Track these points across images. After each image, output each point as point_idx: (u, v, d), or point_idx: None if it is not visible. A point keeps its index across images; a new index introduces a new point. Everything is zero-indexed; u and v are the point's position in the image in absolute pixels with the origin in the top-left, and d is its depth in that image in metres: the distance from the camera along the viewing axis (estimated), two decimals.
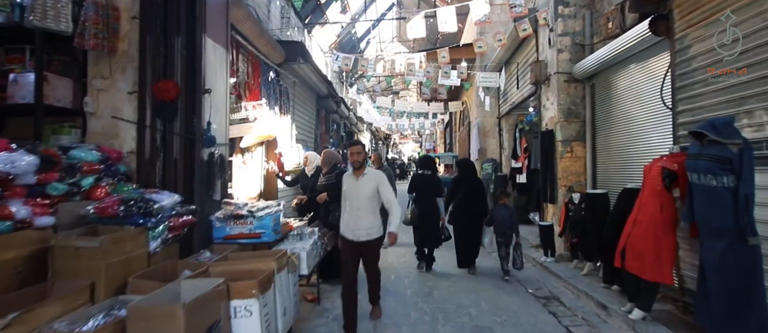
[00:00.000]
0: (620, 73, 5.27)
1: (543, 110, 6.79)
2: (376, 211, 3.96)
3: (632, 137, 5.05)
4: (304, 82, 8.90)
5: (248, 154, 6.57)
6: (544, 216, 6.84)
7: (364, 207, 3.86)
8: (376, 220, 3.94)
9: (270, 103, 5.45)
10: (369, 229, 3.88)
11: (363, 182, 3.90)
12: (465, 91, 12.09)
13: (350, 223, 3.90)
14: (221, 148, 3.88)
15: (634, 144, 5.02)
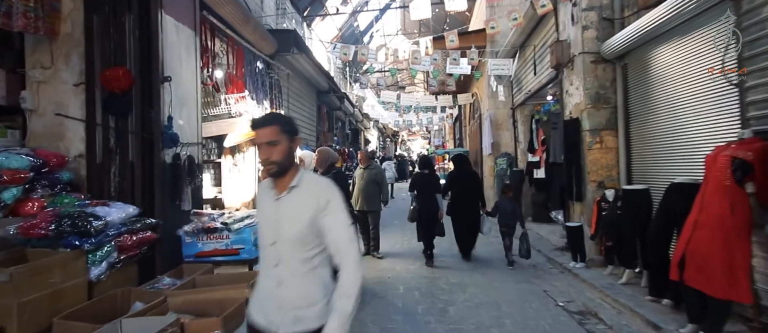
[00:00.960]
0: (659, 49, 4.53)
1: (566, 97, 6.06)
2: (317, 272, 1.63)
3: (677, 123, 4.31)
4: (301, 76, 8.28)
5: (239, 154, 5.96)
6: (570, 215, 6.12)
7: (287, 259, 1.60)
8: (315, 290, 1.61)
9: (258, 96, 4.83)
10: (299, 311, 1.59)
11: (286, 205, 1.63)
12: (476, 81, 11.36)
13: (261, 295, 1.68)
14: (191, 148, 3.25)
15: (679, 131, 4.28)
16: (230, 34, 4.12)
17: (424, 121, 18.16)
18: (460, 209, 6.20)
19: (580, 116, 5.59)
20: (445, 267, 5.86)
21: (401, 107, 17.16)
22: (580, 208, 5.72)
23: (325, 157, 4.64)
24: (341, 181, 4.64)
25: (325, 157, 4.65)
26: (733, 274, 2.85)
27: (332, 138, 12.64)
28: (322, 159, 4.59)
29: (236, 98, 4.18)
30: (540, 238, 7.32)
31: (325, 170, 4.62)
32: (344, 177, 4.86)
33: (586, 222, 5.44)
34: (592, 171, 5.41)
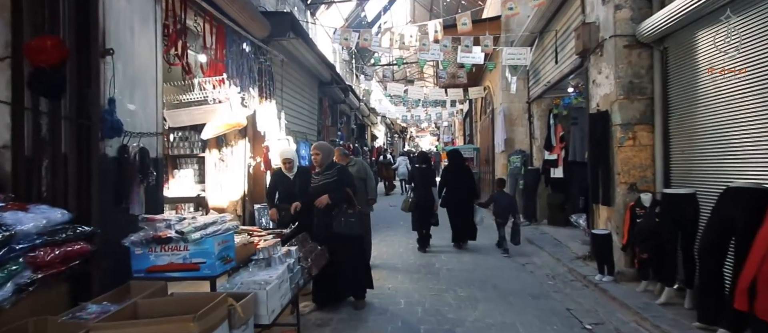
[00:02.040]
0: (709, 29, 3.84)
1: (592, 87, 5.38)
2: None
3: (730, 116, 3.63)
4: (300, 65, 7.69)
5: (227, 148, 5.40)
6: (595, 221, 5.45)
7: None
8: None
9: (243, 83, 4.25)
10: None
11: None
12: (488, 73, 10.67)
13: None
14: (145, 138, 2.68)
15: (733, 126, 3.60)
16: (208, 9, 3.54)
17: (433, 117, 17.51)
18: (454, 201, 6.64)
19: (609, 109, 4.91)
20: (453, 278, 5.24)
21: (409, 101, 16.53)
22: (607, 213, 5.06)
23: (326, 152, 4.09)
24: (342, 174, 4.06)
25: (327, 152, 4.10)
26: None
27: (336, 133, 12.06)
28: (323, 154, 4.04)
29: (214, 82, 3.60)
30: (558, 245, 6.65)
31: (327, 165, 4.06)
32: (344, 169, 4.32)
33: (615, 229, 4.78)
34: (623, 171, 4.74)
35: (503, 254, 6.28)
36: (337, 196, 3.98)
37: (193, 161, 5.20)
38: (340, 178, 4.05)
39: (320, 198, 3.97)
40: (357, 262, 4.19)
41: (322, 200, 3.96)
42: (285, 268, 2.95)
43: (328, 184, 4.01)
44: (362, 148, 17.64)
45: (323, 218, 4.02)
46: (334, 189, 3.99)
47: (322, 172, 4.09)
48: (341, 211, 3.96)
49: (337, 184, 4.01)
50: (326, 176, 4.07)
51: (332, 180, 4.02)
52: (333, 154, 4.17)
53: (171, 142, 4.99)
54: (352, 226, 4.00)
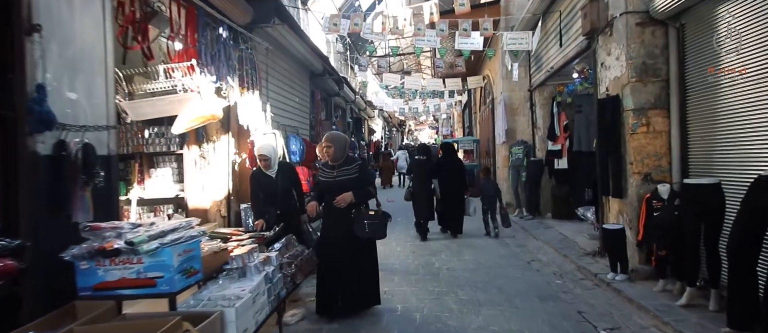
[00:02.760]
0: (732, 3, 3.44)
1: (601, 71, 4.99)
2: None
3: (756, 99, 3.25)
4: (289, 55, 7.28)
5: (209, 144, 5.02)
6: (605, 214, 5.09)
7: None
8: None
9: (220, 71, 3.86)
10: None
11: None
12: (488, 60, 10.26)
13: None
14: (92, 133, 2.30)
15: (761, 108, 3.22)
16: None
17: (431, 109, 17.09)
18: (446, 191, 6.91)
19: (620, 93, 4.53)
20: (454, 279, 4.89)
21: (406, 93, 16.12)
22: (619, 206, 4.69)
23: (342, 144, 3.67)
24: (363, 171, 3.72)
25: (342, 143, 3.69)
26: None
27: (330, 127, 11.66)
28: (338, 146, 3.62)
29: (184, 69, 3.20)
30: (564, 240, 6.30)
31: (343, 160, 3.66)
32: (364, 165, 3.94)
33: (628, 224, 4.42)
34: (636, 160, 4.37)
35: (491, 237, 6.83)
36: (362, 194, 3.56)
37: (171, 159, 4.82)
38: (362, 176, 3.60)
39: (343, 195, 3.47)
40: (376, 269, 3.83)
41: (346, 198, 3.47)
42: (262, 278, 2.58)
43: (346, 182, 3.53)
44: (359, 143, 17.28)
45: (340, 220, 3.55)
46: (354, 187, 3.52)
47: (338, 167, 3.60)
48: (361, 213, 3.52)
49: (360, 181, 3.56)
50: (345, 172, 3.57)
51: (353, 176, 3.55)
52: (349, 147, 3.75)
53: (146, 138, 4.61)
54: (377, 228, 3.57)
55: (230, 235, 3.53)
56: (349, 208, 3.56)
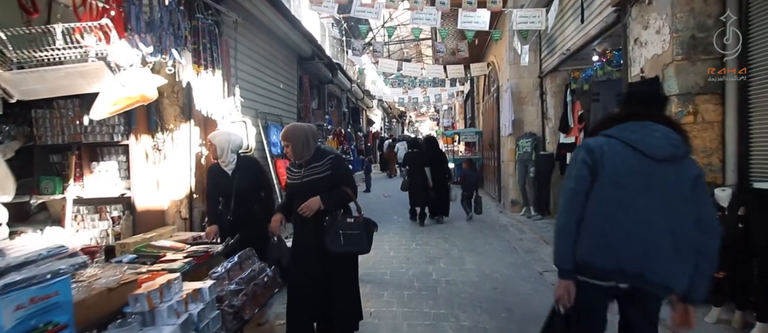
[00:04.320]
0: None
1: (634, 49, 4.16)
2: None
3: None
4: (270, 34, 6.45)
5: (164, 134, 4.23)
6: None
7: None
8: None
9: (162, 43, 3.05)
10: None
11: None
12: (494, 44, 9.39)
13: None
14: None
15: None
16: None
17: (432, 99, 16.23)
18: (433, 180, 7.42)
19: (660, 74, 3.71)
20: (454, 296, 4.11)
21: (406, 83, 15.26)
22: None
23: (302, 137, 2.75)
24: (337, 167, 2.80)
25: (303, 136, 2.76)
26: None
27: (323, 116, 10.84)
28: (298, 140, 2.73)
29: (97, 32, 2.36)
30: None
31: (312, 156, 2.78)
32: (339, 160, 2.95)
33: None
34: None
35: (467, 220, 7.72)
36: (333, 199, 2.72)
37: (118, 151, 4.02)
38: (335, 173, 2.75)
39: (307, 202, 2.65)
40: (354, 288, 2.96)
41: (311, 206, 2.65)
42: (177, 327, 1.79)
43: (316, 182, 2.72)
44: (356, 134, 16.48)
45: (310, 230, 2.73)
46: (326, 188, 2.71)
47: (307, 165, 2.77)
48: (337, 220, 2.71)
49: (332, 180, 2.74)
50: (313, 170, 2.75)
51: (323, 175, 2.73)
52: (315, 138, 2.82)
53: (85, 125, 3.81)
54: (355, 240, 2.71)
55: (169, 250, 2.76)
56: (322, 215, 2.74)
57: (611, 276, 1.70)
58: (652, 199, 1.67)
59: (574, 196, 1.75)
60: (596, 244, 1.71)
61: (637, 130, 1.74)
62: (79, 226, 4.03)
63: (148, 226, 3.96)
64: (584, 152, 1.78)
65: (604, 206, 1.70)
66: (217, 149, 3.39)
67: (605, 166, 1.72)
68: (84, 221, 4.04)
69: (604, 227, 1.70)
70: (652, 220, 1.67)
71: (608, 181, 1.71)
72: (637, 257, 1.66)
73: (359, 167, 13.59)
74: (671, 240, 1.66)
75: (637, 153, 1.70)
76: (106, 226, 3.98)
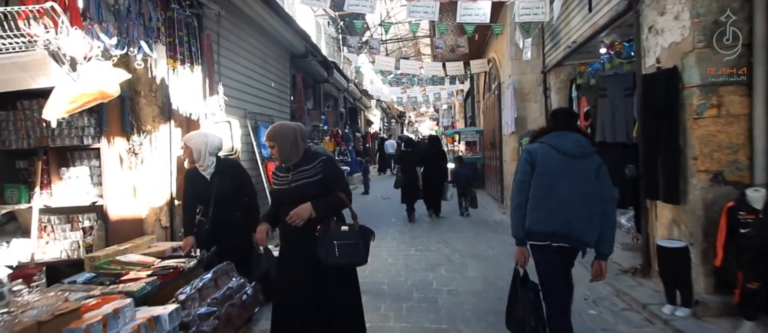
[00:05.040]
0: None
1: (649, 37, 3.85)
2: None
3: None
4: (261, 30, 6.14)
5: (140, 136, 3.92)
6: (649, 223, 3.98)
7: None
8: None
9: (129, 34, 2.73)
10: None
11: None
12: (495, 40, 9.07)
13: None
14: None
15: None
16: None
17: (431, 98, 15.92)
18: (430, 178, 7.80)
19: (679, 64, 3.39)
20: (457, 307, 3.79)
21: (404, 81, 14.96)
22: (673, 213, 3.58)
23: (291, 137, 2.41)
24: (329, 170, 2.48)
25: (291, 135, 2.43)
26: None
27: (319, 117, 10.54)
28: (285, 140, 2.39)
29: (45, 19, 2.03)
30: (589, 250, 5.17)
31: (301, 159, 2.44)
32: (331, 162, 2.57)
33: (688, 238, 3.31)
34: (703, 155, 3.25)
35: (461, 216, 7.98)
36: (326, 205, 2.43)
37: (90, 155, 3.71)
38: (327, 177, 2.46)
39: (296, 210, 2.34)
40: (356, 304, 2.62)
41: (301, 214, 2.34)
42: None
43: (306, 187, 2.42)
44: (354, 134, 16.17)
45: (301, 241, 2.44)
46: (317, 193, 2.41)
47: (295, 168, 2.46)
48: (330, 230, 2.42)
49: (323, 185, 2.44)
50: (303, 174, 2.44)
51: (314, 179, 2.43)
52: (304, 139, 2.51)
53: (52, 129, 3.50)
54: (351, 250, 2.39)
55: (136, 266, 2.44)
56: (313, 224, 2.43)
57: (549, 237, 2.43)
58: (570, 183, 2.42)
59: (522, 184, 2.50)
60: (537, 216, 2.44)
61: (558, 137, 2.52)
62: (49, 238, 3.72)
63: (124, 236, 3.66)
64: (526, 154, 2.57)
65: (539, 189, 2.44)
66: (193, 152, 3.08)
67: (539, 162, 2.47)
68: (54, 232, 3.73)
69: (540, 204, 2.44)
70: (571, 197, 2.40)
71: (541, 171, 2.46)
72: (563, 223, 2.39)
73: (357, 169, 13.27)
74: (584, 210, 2.40)
75: (559, 152, 2.47)
76: (78, 238, 3.67)
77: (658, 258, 3.38)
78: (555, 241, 2.42)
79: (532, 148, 2.57)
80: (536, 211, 2.43)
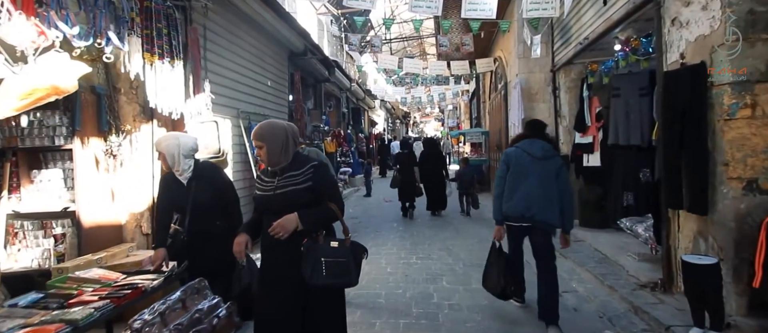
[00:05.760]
0: None
1: (672, 31, 3.51)
2: None
3: None
4: (257, 27, 5.87)
5: (119, 137, 3.66)
6: (671, 234, 3.64)
7: None
8: None
9: (96, 24, 2.46)
10: None
11: None
12: (501, 36, 8.73)
13: None
14: None
15: None
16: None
17: (436, 98, 15.60)
18: (430, 179, 8.20)
19: (708, 59, 3.06)
20: (460, 326, 3.48)
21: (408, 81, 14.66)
22: (699, 225, 3.25)
23: (281, 137, 2.09)
24: (321, 176, 2.19)
25: (281, 135, 2.11)
26: None
27: (320, 117, 10.26)
28: (275, 140, 2.08)
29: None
30: (603, 261, 4.85)
31: (290, 163, 2.15)
32: (324, 168, 2.26)
33: (718, 253, 2.97)
34: (735, 160, 2.91)
35: (462, 214, 8.29)
36: (314, 217, 2.12)
37: (64, 157, 3.45)
38: (318, 184, 2.16)
39: (281, 221, 2.05)
40: (340, 321, 2.29)
41: (286, 225, 2.05)
42: None
43: (293, 194, 2.12)
44: (357, 135, 15.88)
45: (285, 256, 2.14)
46: (305, 203, 2.12)
47: (283, 173, 2.17)
48: (318, 245, 2.12)
49: (313, 193, 2.15)
50: (291, 180, 2.14)
51: (302, 187, 2.13)
52: (295, 141, 2.22)
53: (22, 128, 3.24)
54: (340, 269, 2.10)
55: (94, 283, 2.16)
56: (299, 238, 2.10)
57: (519, 219, 3.21)
58: (535, 179, 3.17)
59: (501, 180, 3.31)
60: (510, 204, 3.23)
61: (529, 143, 3.30)
62: (21, 245, 3.46)
63: (100, 244, 3.39)
64: (504, 156, 3.42)
65: (512, 183, 3.23)
66: (166, 157, 2.79)
67: (512, 162, 3.27)
68: (26, 239, 3.47)
69: (512, 195, 3.22)
70: (534, 190, 3.15)
71: (513, 170, 3.25)
72: (528, 209, 3.15)
73: (359, 170, 12.98)
74: (544, 199, 3.14)
75: (528, 155, 3.23)
76: (50, 245, 3.40)
77: (683, 275, 3.04)
78: (522, 222, 3.23)
79: (509, 151, 3.39)
80: (509, 201, 3.24)
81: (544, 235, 3.22)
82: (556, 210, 3.13)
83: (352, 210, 9.37)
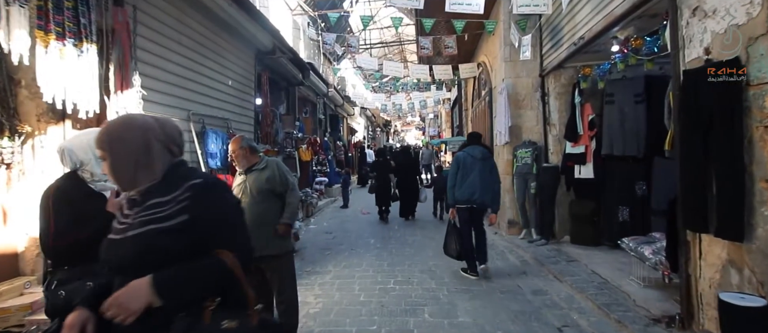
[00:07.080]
0: None
1: (691, 24, 3.00)
2: None
3: None
4: (214, 17, 5.15)
5: (16, 141, 2.89)
6: (691, 260, 3.10)
7: None
8: None
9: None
10: None
11: None
12: (487, 39, 8.25)
13: None
14: None
15: None
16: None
17: (417, 105, 15.10)
18: (404, 184, 8.72)
19: (743, 54, 2.54)
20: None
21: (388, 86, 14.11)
22: (730, 253, 2.71)
23: (132, 149, 1.32)
24: (235, 211, 1.35)
25: (135, 141, 1.34)
26: None
27: (293, 123, 9.53)
28: (121, 158, 1.30)
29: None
30: (603, 286, 4.29)
31: (160, 185, 1.31)
32: None
33: (758, 288, 2.43)
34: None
35: (435, 218, 8.78)
36: (182, 281, 1.22)
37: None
38: (199, 219, 1.27)
39: (119, 295, 1.18)
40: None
41: (126, 303, 1.17)
42: None
43: (152, 239, 1.24)
44: (336, 143, 15.18)
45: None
46: (175, 254, 1.23)
47: (143, 200, 1.30)
48: (195, 329, 1.21)
49: (185, 236, 1.25)
50: (152, 213, 1.27)
51: (169, 224, 1.25)
52: (168, 147, 1.34)
53: None
54: None
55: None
56: (157, 319, 1.20)
57: (466, 202, 4.71)
58: (476, 174, 4.72)
59: (453, 177, 4.80)
60: (460, 192, 4.73)
61: (471, 148, 4.93)
62: None
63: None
64: (455, 159, 5.02)
65: (461, 178, 4.74)
66: (71, 163, 2.05)
67: (461, 163, 4.80)
68: None
69: (461, 185, 4.73)
70: (476, 181, 4.70)
71: (461, 168, 4.78)
72: (471, 194, 4.69)
73: (337, 180, 12.27)
74: (482, 188, 4.71)
75: (471, 157, 4.81)
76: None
77: (721, 318, 2.48)
78: (468, 204, 4.72)
79: (459, 155, 4.93)
80: (459, 189, 4.72)
81: (480, 213, 4.90)
82: (490, 195, 4.74)
83: (326, 224, 8.64)
